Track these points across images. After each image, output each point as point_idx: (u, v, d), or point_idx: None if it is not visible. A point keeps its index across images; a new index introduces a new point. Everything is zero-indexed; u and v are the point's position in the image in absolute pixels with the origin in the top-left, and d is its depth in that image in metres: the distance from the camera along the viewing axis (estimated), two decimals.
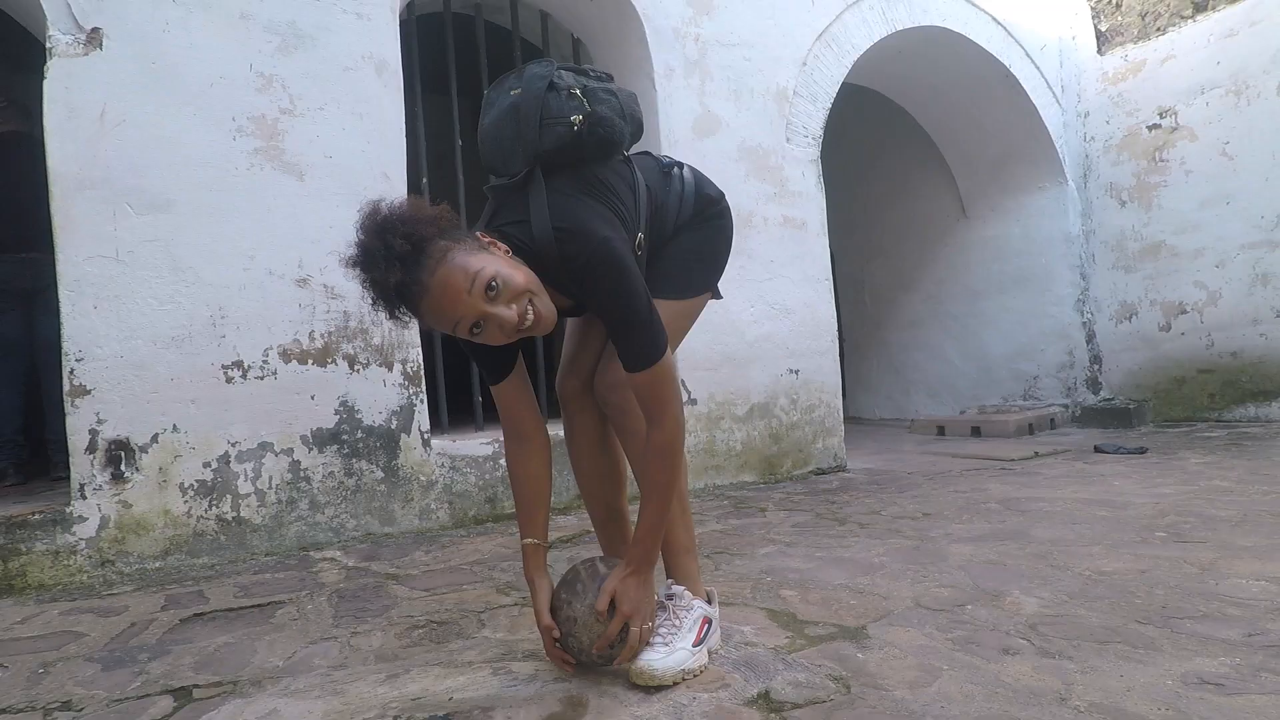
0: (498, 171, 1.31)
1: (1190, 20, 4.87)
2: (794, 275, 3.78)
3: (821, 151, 4.01)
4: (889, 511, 2.61)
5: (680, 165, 1.46)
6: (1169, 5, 4.99)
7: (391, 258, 1.04)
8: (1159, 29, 5.03)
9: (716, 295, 1.47)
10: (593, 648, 1.20)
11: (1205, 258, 4.82)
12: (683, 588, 1.33)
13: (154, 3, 2.49)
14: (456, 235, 1.11)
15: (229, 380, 2.54)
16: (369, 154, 2.81)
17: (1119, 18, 5.25)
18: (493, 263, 1.09)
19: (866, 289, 6.65)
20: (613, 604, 1.19)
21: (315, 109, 2.72)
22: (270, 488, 2.58)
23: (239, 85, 2.60)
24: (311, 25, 2.72)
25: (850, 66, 4.16)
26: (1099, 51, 5.33)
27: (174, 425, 2.45)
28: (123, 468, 2.36)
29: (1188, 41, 4.87)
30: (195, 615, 1.81)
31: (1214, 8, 4.77)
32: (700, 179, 1.46)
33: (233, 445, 2.53)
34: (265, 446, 2.58)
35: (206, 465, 2.49)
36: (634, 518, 1.49)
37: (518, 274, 1.11)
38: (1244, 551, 1.78)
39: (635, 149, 1.46)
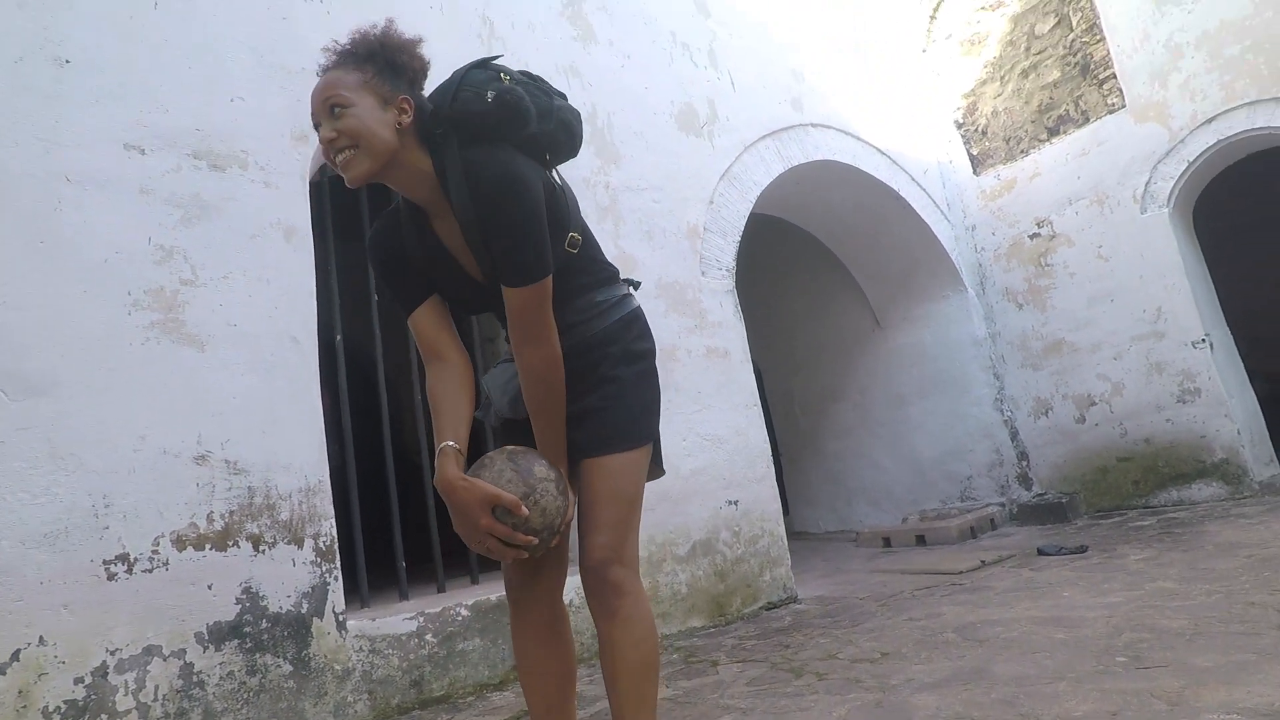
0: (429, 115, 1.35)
1: (1047, 142, 5.43)
2: (722, 404, 3.78)
3: (738, 278, 4.14)
4: (846, 654, 2.48)
5: (635, 285, 1.47)
6: (1027, 131, 5.56)
7: (340, 48, 1.24)
8: (1022, 151, 5.58)
9: (659, 469, 1.41)
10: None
11: (1103, 351, 5.12)
12: None
13: (44, 183, 2.40)
14: (386, 77, 1.23)
15: (111, 577, 2.26)
16: (276, 319, 2.70)
17: (986, 143, 5.81)
18: (363, 105, 1.19)
19: (796, 401, 6.76)
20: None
21: (219, 278, 2.62)
22: (156, 699, 2.24)
23: (136, 259, 2.49)
24: (216, 196, 2.67)
25: (754, 201, 4.40)
26: (975, 172, 5.84)
27: (40, 637, 2.13)
28: None
29: (1049, 160, 5.41)
30: None
31: (1065, 131, 5.34)
32: (643, 314, 1.45)
33: (112, 653, 2.22)
34: (152, 650, 2.27)
35: (79, 681, 2.16)
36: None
37: (366, 126, 1.19)
38: (1207, 675, 1.73)
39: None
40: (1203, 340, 4.71)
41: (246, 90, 2.82)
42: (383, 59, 1.23)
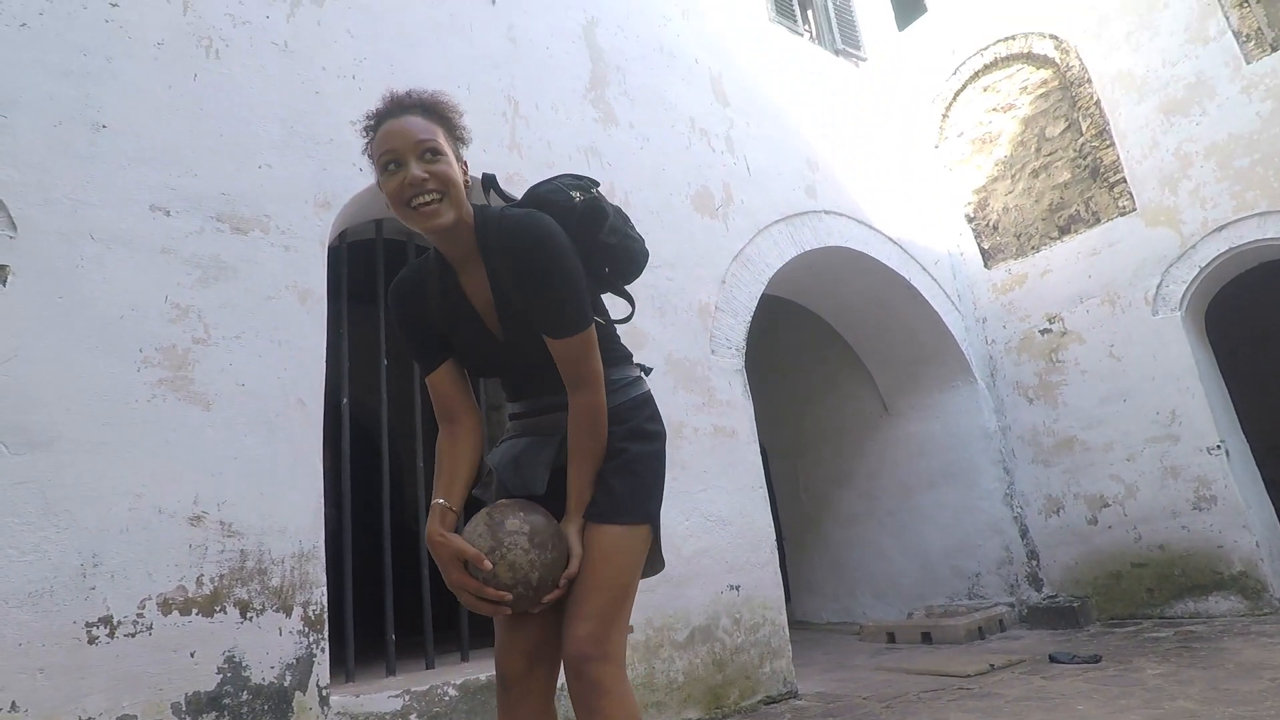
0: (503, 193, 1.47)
1: (1058, 240, 5.50)
2: (727, 485, 3.72)
3: (747, 356, 4.15)
4: None
5: (647, 371, 1.48)
6: (1038, 229, 5.65)
7: (413, 100, 1.28)
8: (1033, 247, 5.65)
9: (659, 562, 1.36)
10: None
11: (1116, 451, 5.04)
12: None
13: (70, 241, 2.46)
14: (454, 140, 1.30)
15: (92, 640, 2.20)
16: (285, 380, 2.71)
17: (997, 238, 5.90)
18: (448, 155, 1.24)
19: (801, 485, 6.65)
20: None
21: (231, 338, 2.65)
22: None
23: (151, 317, 2.52)
24: (235, 258, 2.73)
25: (766, 283, 4.45)
26: (986, 265, 5.91)
27: (12, 703, 2.06)
28: None
29: (1060, 258, 5.46)
30: None
31: (1075, 231, 5.42)
32: (654, 401, 1.44)
33: None
34: None
35: None
36: None
37: (455, 176, 1.24)
38: None
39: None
40: (1218, 447, 4.62)
41: (274, 158, 2.91)
42: (450, 122, 1.30)
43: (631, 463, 1.29)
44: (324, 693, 2.49)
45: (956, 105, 6.17)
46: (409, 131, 1.22)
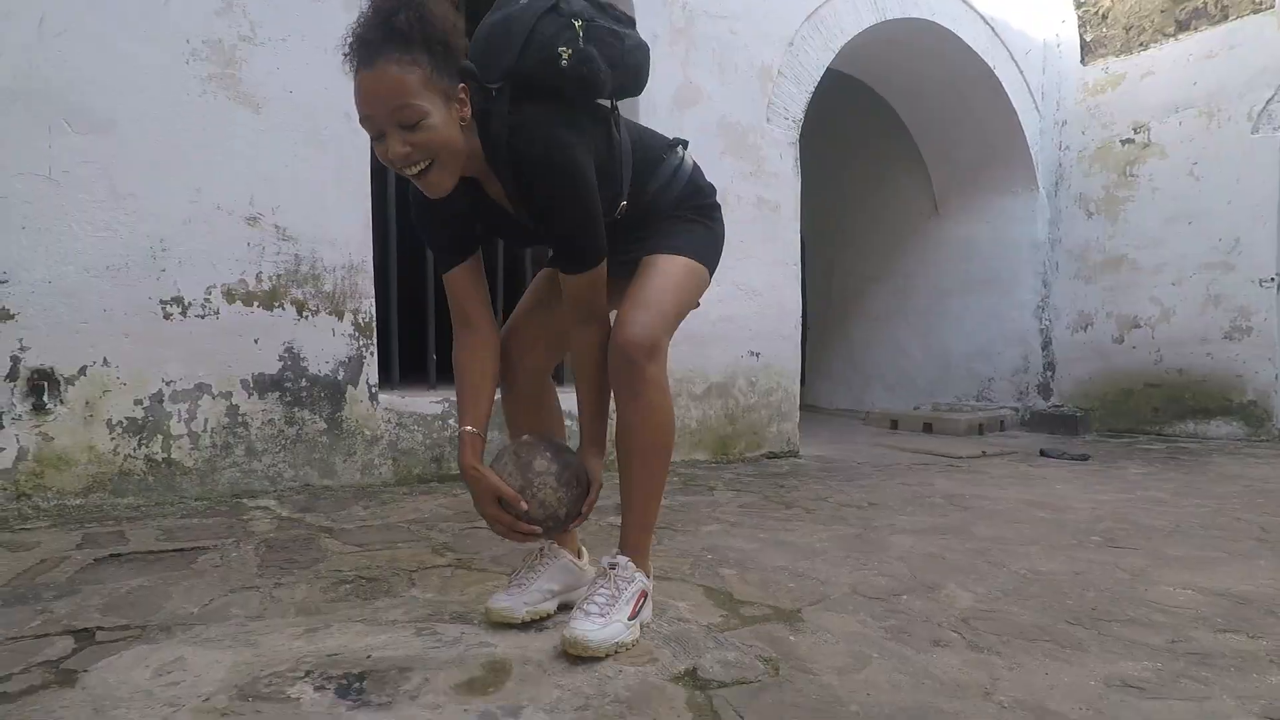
0: (479, 76, 1.22)
1: (1172, 38, 4.92)
2: (763, 257, 3.76)
3: (801, 133, 3.97)
4: (836, 499, 2.63)
5: (684, 145, 1.43)
6: (1153, 21, 5.03)
7: (388, 19, 1.04)
8: (1141, 44, 5.08)
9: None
10: (558, 509, 1.24)
11: (1164, 274, 4.93)
12: (627, 558, 1.29)
13: None
14: (445, 68, 1.09)
15: (167, 316, 2.42)
16: (332, 92, 2.66)
17: (1104, 29, 5.28)
18: (435, 111, 1.08)
19: (835, 277, 6.68)
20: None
21: (277, 39, 2.57)
22: (205, 430, 2.47)
23: (196, 5, 2.44)
24: None
25: (836, 52, 4.11)
26: (1082, 61, 5.36)
27: (104, 359, 2.33)
28: (45, 399, 2.24)
29: (1168, 59, 4.93)
30: (111, 556, 1.73)
31: (1196, 28, 4.82)
32: (699, 169, 1.42)
33: (167, 384, 2.42)
34: (202, 388, 2.47)
35: (138, 402, 2.37)
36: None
37: (443, 137, 1.09)
38: (1174, 561, 1.82)
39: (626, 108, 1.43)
40: (1271, 280, 4.50)
41: None
42: (435, 42, 1.07)
43: (691, 226, 1.36)
44: (373, 390, 2.77)
45: None
46: (382, 96, 1.05)
